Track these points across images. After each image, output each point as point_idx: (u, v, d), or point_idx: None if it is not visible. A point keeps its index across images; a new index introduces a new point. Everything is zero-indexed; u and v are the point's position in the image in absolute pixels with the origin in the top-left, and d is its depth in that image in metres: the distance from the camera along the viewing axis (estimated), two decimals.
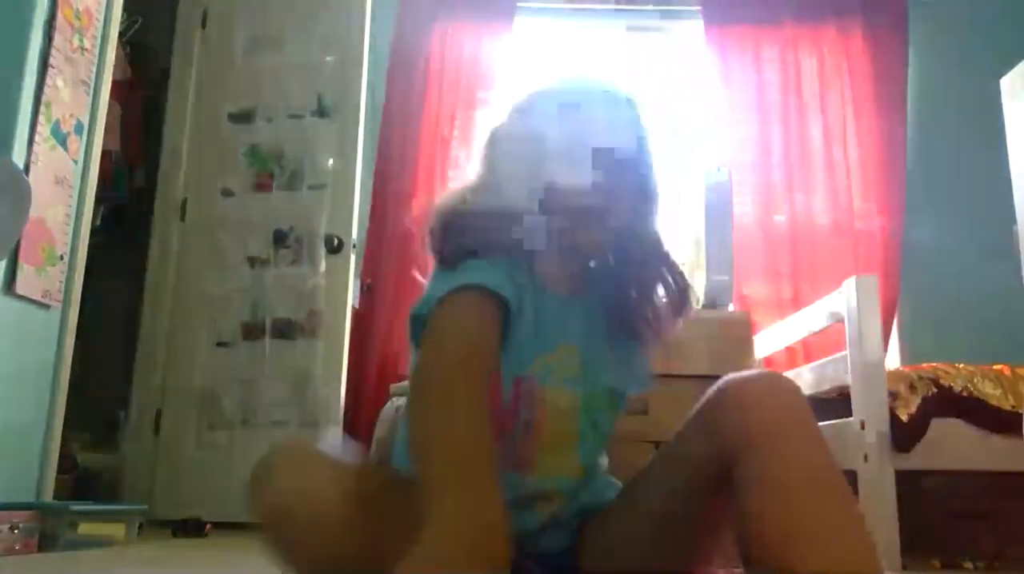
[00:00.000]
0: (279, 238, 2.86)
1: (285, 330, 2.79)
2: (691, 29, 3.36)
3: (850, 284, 1.84)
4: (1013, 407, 1.81)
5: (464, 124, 3.16)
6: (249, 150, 2.95)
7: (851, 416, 1.81)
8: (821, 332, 2.11)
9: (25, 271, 2.09)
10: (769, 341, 2.48)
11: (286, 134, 2.93)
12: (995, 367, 1.89)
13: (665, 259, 1.03)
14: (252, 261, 2.86)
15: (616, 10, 3.42)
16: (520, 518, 0.93)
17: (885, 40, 3.17)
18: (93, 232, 2.43)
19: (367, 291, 2.95)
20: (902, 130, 3.12)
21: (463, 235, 0.93)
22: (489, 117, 1.13)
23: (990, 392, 1.84)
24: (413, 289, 2.98)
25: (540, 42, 3.52)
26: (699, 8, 3.28)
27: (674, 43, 3.51)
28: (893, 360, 3.02)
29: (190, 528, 2.48)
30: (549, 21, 3.45)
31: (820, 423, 1.69)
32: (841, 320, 1.89)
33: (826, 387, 1.99)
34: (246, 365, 2.78)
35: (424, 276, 0.94)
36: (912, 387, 1.83)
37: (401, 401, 2.52)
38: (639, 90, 3.46)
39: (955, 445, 1.80)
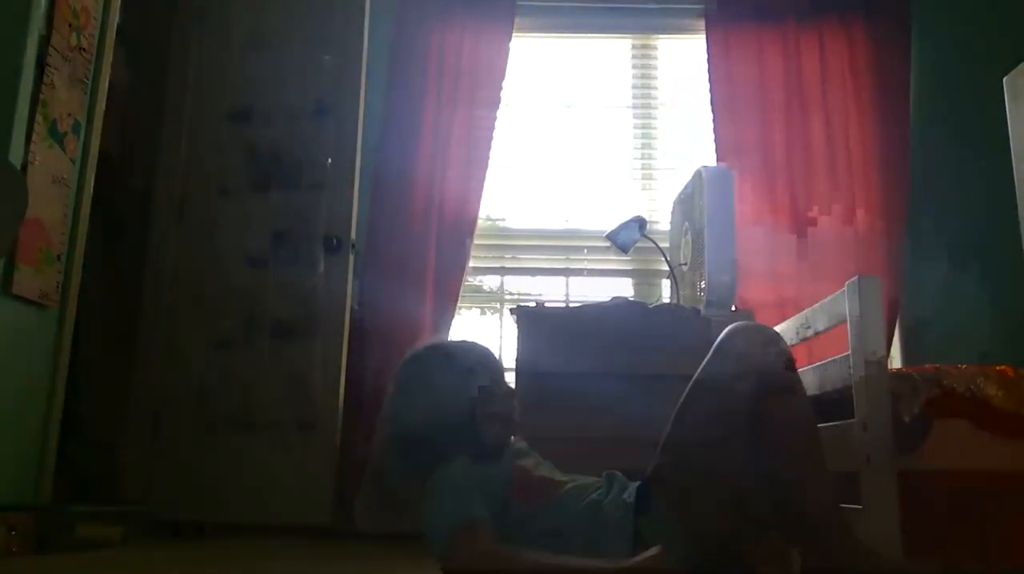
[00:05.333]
0: (278, 238, 2.85)
1: (284, 330, 2.78)
2: (693, 27, 3.35)
3: (853, 285, 1.83)
4: (1016, 408, 1.80)
5: (464, 123, 3.14)
6: (247, 149, 2.94)
7: (853, 417, 1.79)
8: (824, 333, 2.09)
9: (22, 271, 2.08)
10: None
11: (284, 133, 2.92)
12: (998, 368, 1.87)
13: None
14: (251, 261, 2.85)
15: (617, 8, 3.40)
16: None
17: (887, 39, 3.16)
18: (90, 232, 2.42)
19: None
20: (905, 129, 3.11)
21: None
22: None
23: (993, 393, 1.82)
24: (413, 289, 2.96)
25: (540, 42, 3.50)
26: (701, 6, 3.27)
27: (676, 41, 3.50)
28: (895, 361, 3.01)
29: (188, 530, 2.47)
30: (549, 20, 3.43)
31: (822, 424, 1.68)
32: (844, 321, 1.88)
33: (828, 388, 1.97)
34: (245, 366, 2.77)
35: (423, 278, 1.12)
36: (915, 388, 1.81)
37: None
38: (640, 91, 3.45)
39: (958, 446, 1.78)
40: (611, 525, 1.38)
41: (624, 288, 3.30)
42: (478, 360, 1.58)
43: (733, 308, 2.44)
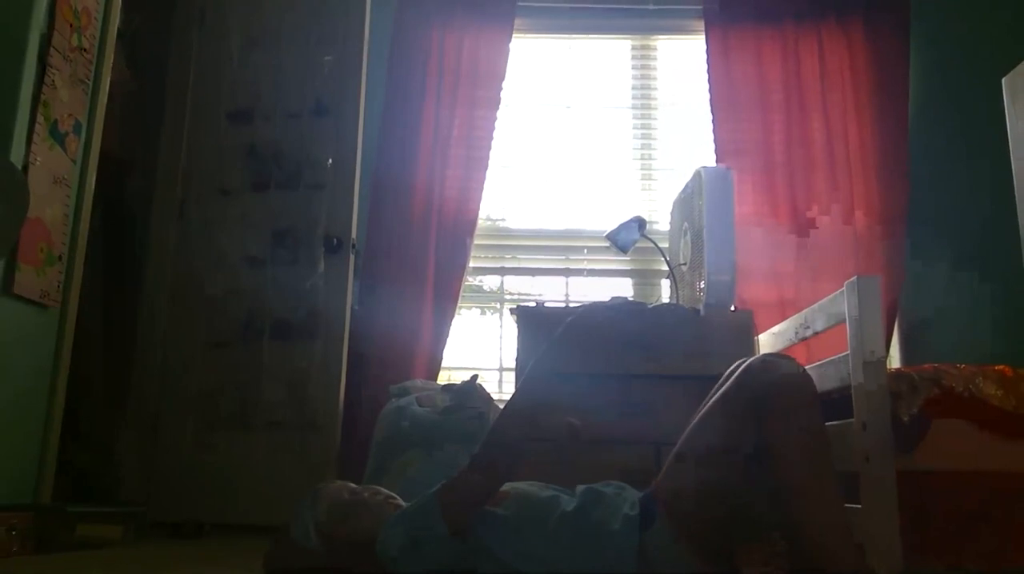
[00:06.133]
0: (277, 238, 2.85)
1: (284, 331, 2.78)
2: (692, 28, 3.35)
3: (852, 284, 1.83)
4: (1015, 408, 1.80)
5: (464, 123, 3.15)
6: (247, 149, 2.94)
7: (852, 417, 1.79)
8: (823, 332, 2.09)
9: (23, 271, 2.08)
10: (771, 341, 2.47)
11: (284, 133, 2.92)
12: (997, 368, 1.87)
13: None
14: (250, 261, 2.85)
15: (617, 9, 3.41)
16: None
17: (886, 39, 3.16)
18: (91, 232, 2.42)
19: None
20: (904, 129, 3.11)
21: None
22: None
23: (991, 393, 1.82)
24: (412, 290, 2.97)
25: (540, 43, 3.51)
26: (700, 7, 3.27)
27: (675, 42, 3.50)
28: (895, 360, 3.02)
29: (188, 530, 2.47)
30: (549, 21, 3.43)
31: None
32: (843, 321, 1.88)
33: (827, 388, 1.97)
34: (244, 366, 2.77)
35: (423, 278, 1.08)
36: (914, 388, 1.81)
37: (402, 401, 2.51)
38: (640, 91, 3.45)
39: (957, 446, 1.78)
40: (611, 538, 1.38)
41: (624, 288, 3.30)
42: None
43: (733, 308, 2.44)
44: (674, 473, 1.44)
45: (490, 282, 3.42)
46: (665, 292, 3.19)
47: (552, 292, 3.34)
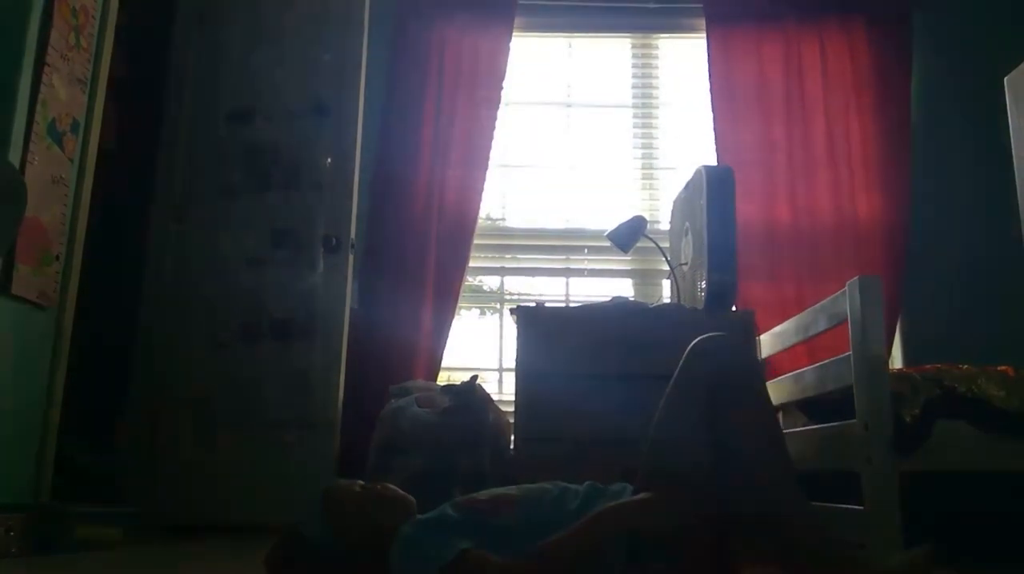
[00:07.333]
0: (277, 238, 2.84)
1: (284, 331, 2.77)
2: (693, 27, 3.35)
3: (854, 284, 1.82)
4: (1017, 409, 1.79)
5: (464, 123, 3.14)
6: (247, 149, 2.93)
7: (854, 418, 1.79)
8: (824, 333, 2.09)
9: (21, 271, 2.07)
10: (772, 341, 2.46)
11: (284, 133, 2.91)
12: (999, 368, 1.87)
13: None
14: (250, 261, 2.84)
15: (616, 8, 3.40)
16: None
17: (888, 38, 3.16)
18: (89, 232, 2.42)
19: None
20: (906, 129, 3.10)
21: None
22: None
23: (994, 393, 1.82)
24: (412, 290, 2.96)
25: (540, 42, 3.50)
26: (701, 5, 3.26)
27: (676, 41, 3.49)
28: (896, 361, 3.01)
29: (188, 530, 2.47)
30: (549, 19, 3.42)
31: (823, 425, 1.68)
32: (844, 321, 1.87)
33: (829, 388, 1.97)
34: (244, 366, 2.77)
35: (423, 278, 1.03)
36: (915, 388, 1.81)
37: (402, 401, 2.51)
38: (641, 90, 3.45)
39: (959, 447, 1.78)
40: None
41: (624, 288, 3.29)
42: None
43: (734, 308, 2.43)
44: (644, 466, 1.48)
45: (490, 282, 3.42)
46: (666, 292, 3.18)
47: (552, 292, 3.33)
